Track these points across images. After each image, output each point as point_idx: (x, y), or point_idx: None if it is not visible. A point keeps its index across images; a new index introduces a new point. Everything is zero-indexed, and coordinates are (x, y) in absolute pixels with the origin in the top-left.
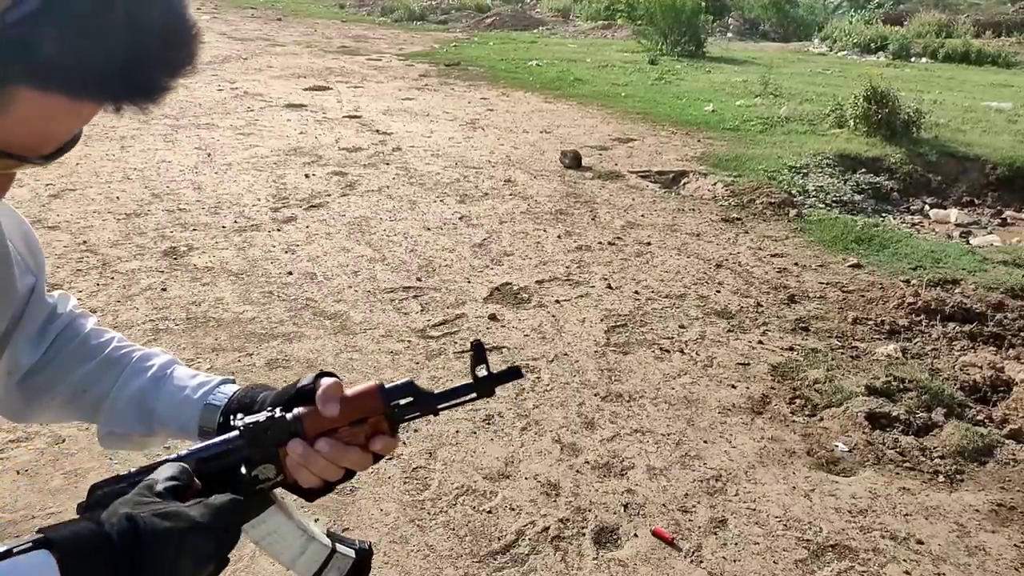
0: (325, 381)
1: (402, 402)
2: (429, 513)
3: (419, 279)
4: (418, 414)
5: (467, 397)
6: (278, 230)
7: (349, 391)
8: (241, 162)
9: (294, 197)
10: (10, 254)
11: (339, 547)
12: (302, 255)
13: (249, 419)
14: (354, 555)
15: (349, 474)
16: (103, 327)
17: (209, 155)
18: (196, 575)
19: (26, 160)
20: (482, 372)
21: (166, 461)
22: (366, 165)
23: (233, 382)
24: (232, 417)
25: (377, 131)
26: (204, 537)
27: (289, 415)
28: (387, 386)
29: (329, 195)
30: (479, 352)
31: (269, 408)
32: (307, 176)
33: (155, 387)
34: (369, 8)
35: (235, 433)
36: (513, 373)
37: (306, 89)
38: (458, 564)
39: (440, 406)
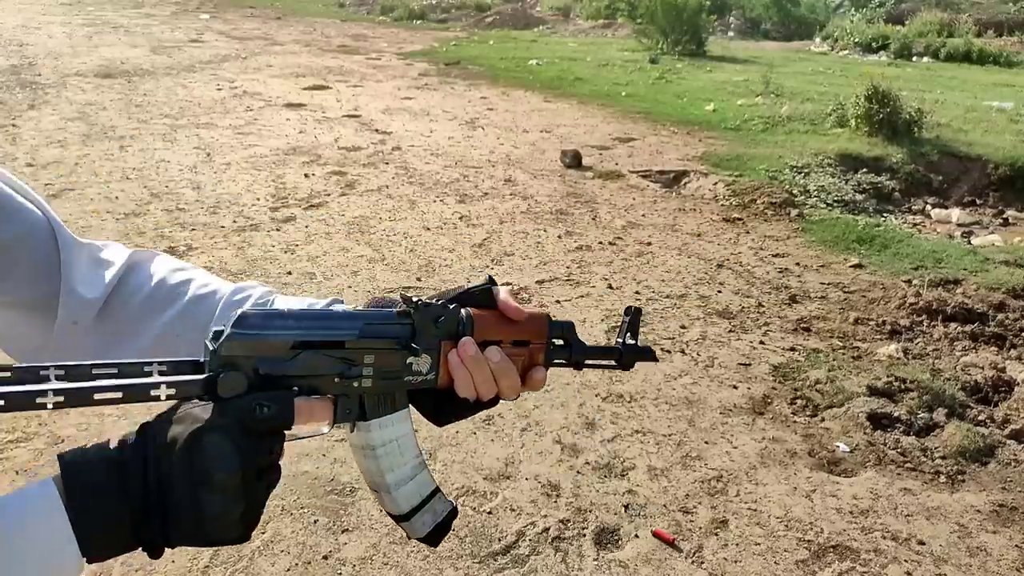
0: (502, 288)
1: (557, 342)
2: None
3: (419, 279)
4: (565, 361)
5: (609, 362)
6: (277, 230)
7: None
8: (240, 161)
9: (293, 196)
10: None
11: (440, 490)
12: (301, 255)
13: (419, 299)
14: (452, 504)
15: (492, 401)
16: (174, 260)
17: (208, 155)
18: (220, 484)
19: None
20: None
21: (328, 313)
22: (365, 164)
23: (342, 303)
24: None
25: (376, 130)
26: (214, 436)
27: (463, 310)
28: (552, 319)
29: (328, 194)
30: (635, 320)
31: (437, 299)
32: (306, 175)
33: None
34: (369, 7)
35: (399, 309)
36: (650, 354)
37: (305, 88)
38: (458, 565)
39: (587, 360)
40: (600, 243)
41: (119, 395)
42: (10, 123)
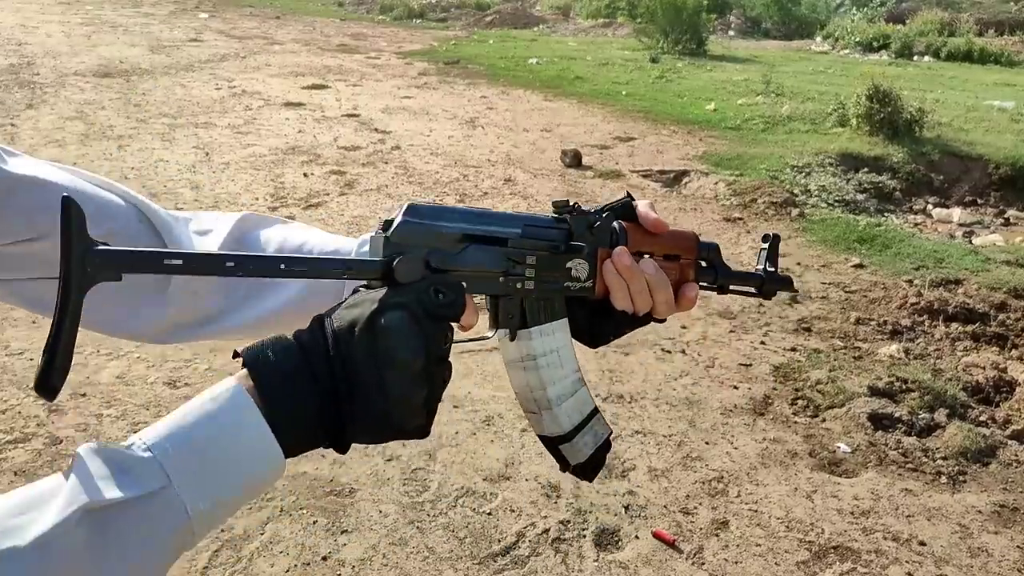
0: (641, 202)
1: (702, 263)
2: (429, 515)
3: None
4: (710, 284)
5: (750, 289)
6: None
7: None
8: (239, 161)
9: (292, 196)
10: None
11: (599, 410)
12: None
13: (574, 203)
14: (610, 428)
15: (646, 319)
16: (285, 221)
17: (207, 154)
18: (404, 364)
19: None
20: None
21: (490, 212)
22: (365, 164)
23: None
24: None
25: (376, 130)
26: (396, 316)
27: (616, 221)
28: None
29: (328, 194)
30: (774, 246)
31: (589, 210)
32: (305, 175)
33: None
34: (368, 6)
35: (553, 216)
36: (789, 284)
37: (304, 88)
38: (458, 566)
39: (730, 286)
40: None
41: (304, 268)
42: (8, 123)
